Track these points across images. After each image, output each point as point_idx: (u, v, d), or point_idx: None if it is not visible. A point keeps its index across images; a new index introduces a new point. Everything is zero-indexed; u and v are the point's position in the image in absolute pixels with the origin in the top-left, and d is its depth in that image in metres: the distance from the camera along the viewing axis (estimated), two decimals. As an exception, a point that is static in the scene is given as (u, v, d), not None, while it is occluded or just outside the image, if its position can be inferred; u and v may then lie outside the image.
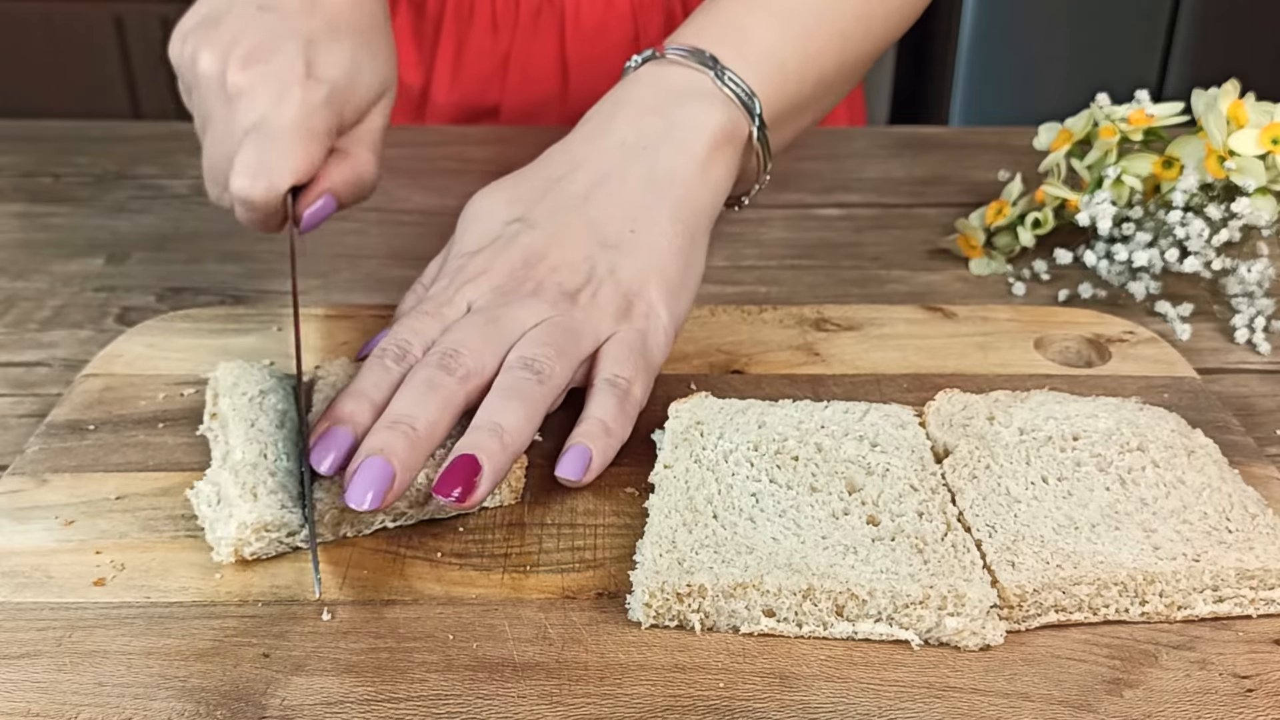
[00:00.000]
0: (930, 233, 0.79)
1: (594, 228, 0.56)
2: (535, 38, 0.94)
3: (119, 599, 0.45)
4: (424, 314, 0.54)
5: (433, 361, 0.50)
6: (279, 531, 0.47)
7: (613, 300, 0.54)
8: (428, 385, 0.49)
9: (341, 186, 0.58)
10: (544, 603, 0.45)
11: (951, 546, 0.46)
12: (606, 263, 0.55)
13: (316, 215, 0.57)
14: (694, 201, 0.58)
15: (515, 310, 0.53)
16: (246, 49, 0.56)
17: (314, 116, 0.55)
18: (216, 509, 0.48)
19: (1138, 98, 0.74)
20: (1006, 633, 0.44)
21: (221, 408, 0.53)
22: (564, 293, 0.54)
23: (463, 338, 0.51)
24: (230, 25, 0.57)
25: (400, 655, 0.43)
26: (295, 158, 0.54)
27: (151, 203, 0.83)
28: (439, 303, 0.54)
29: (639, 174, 0.57)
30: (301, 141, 0.55)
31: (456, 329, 0.52)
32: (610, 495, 0.51)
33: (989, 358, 0.61)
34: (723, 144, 0.59)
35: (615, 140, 0.58)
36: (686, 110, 0.59)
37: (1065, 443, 0.52)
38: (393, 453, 0.47)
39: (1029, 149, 0.79)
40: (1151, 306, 0.69)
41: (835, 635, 0.44)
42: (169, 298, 0.71)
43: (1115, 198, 0.70)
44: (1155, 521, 0.47)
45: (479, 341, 0.51)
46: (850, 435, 0.52)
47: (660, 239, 0.56)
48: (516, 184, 0.59)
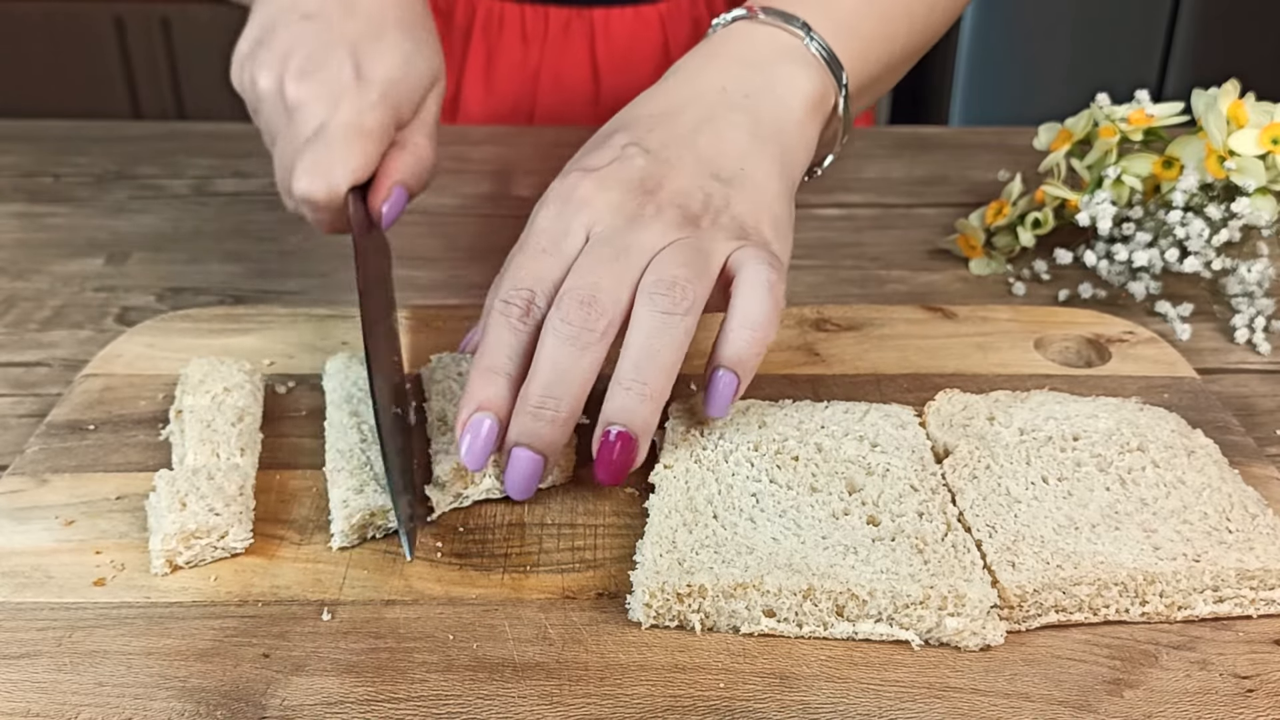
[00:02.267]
0: (930, 233, 0.79)
1: (706, 161, 0.54)
2: (566, 49, 0.95)
3: (119, 599, 0.45)
4: (540, 251, 0.51)
5: (571, 318, 0.47)
6: (208, 537, 0.47)
7: (732, 229, 0.52)
8: (570, 350, 0.47)
9: (409, 177, 0.59)
10: (544, 603, 0.45)
11: (952, 547, 0.46)
12: (721, 195, 0.53)
13: (393, 209, 0.58)
14: (793, 155, 0.57)
15: (641, 235, 0.50)
16: (298, 63, 0.58)
17: (366, 116, 0.57)
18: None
19: (1138, 98, 0.74)
20: (1007, 633, 0.44)
21: (184, 407, 0.54)
22: (686, 217, 0.51)
23: (595, 280, 0.48)
24: (279, 41, 0.59)
25: (400, 655, 0.43)
26: (351, 158, 0.56)
27: (151, 203, 0.83)
28: (554, 235, 0.51)
29: (744, 121, 0.56)
30: (356, 142, 0.56)
31: (585, 268, 0.49)
32: (610, 495, 0.51)
33: (989, 358, 0.61)
34: (816, 106, 0.58)
35: (715, 85, 0.57)
36: (784, 69, 0.58)
37: (1065, 443, 0.51)
38: (540, 441, 0.47)
39: (1029, 149, 0.79)
40: (1151, 306, 0.69)
41: (835, 635, 0.44)
42: (169, 298, 0.71)
43: (1115, 198, 0.70)
44: (1155, 522, 0.47)
45: (612, 279, 0.48)
46: (850, 435, 0.52)
47: (770, 181, 0.55)
48: (620, 116, 0.58)
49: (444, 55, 0.65)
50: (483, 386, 0.48)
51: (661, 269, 0.49)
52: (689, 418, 0.53)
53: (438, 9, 0.95)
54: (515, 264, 0.51)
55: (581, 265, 0.49)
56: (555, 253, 0.50)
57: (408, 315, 0.64)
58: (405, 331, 0.63)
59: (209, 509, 0.47)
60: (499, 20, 0.95)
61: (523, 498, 0.49)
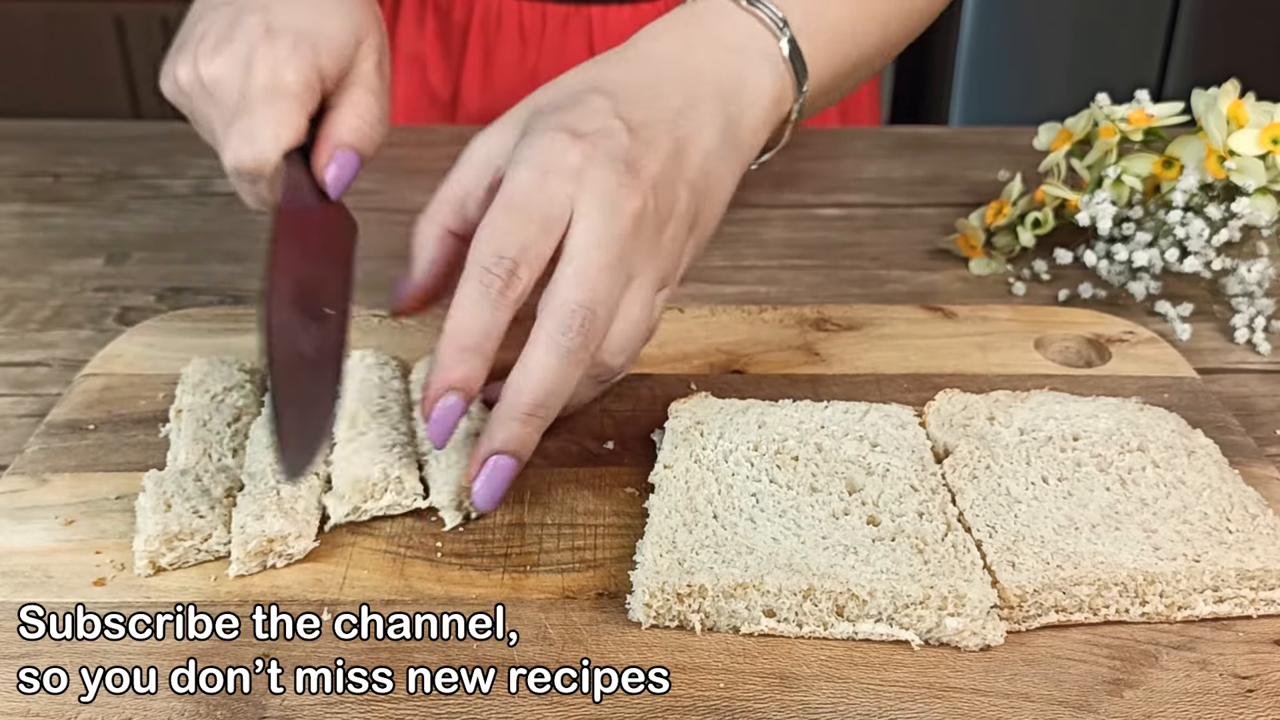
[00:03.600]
0: (930, 233, 0.79)
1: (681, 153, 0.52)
2: (564, 46, 0.95)
3: (119, 599, 0.45)
4: (524, 218, 0.48)
5: (573, 333, 0.46)
6: (192, 539, 0.46)
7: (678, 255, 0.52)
8: (568, 366, 0.46)
9: (354, 138, 0.55)
10: (544, 603, 0.45)
11: (952, 547, 0.46)
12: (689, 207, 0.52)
13: (341, 174, 0.55)
14: (746, 158, 0.57)
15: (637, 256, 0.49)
16: (210, 43, 0.55)
17: (281, 73, 0.53)
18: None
19: (1138, 98, 0.74)
20: (1007, 633, 0.44)
21: (183, 406, 0.54)
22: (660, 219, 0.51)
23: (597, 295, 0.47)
24: (195, 33, 0.57)
25: (400, 655, 0.43)
26: (274, 119, 0.53)
27: (151, 203, 0.83)
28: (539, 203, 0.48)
29: (718, 118, 0.54)
30: (277, 101, 0.53)
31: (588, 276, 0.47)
32: (610, 495, 0.51)
33: (989, 358, 0.61)
34: (774, 108, 0.58)
35: (695, 67, 0.56)
36: (755, 65, 0.57)
37: (1065, 443, 0.51)
38: (525, 449, 0.46)
39: (1029, 149, 0.79)
40: (1151, 306, 0.69)
41: (835, 635, 0.44)
42: (169, 298, 0.71)
43: (1115, 198, 0.70)
44: (1155, 522, 0.47)
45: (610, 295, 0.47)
46: (850, 435, 0.52)
47: (724, 189, 0.55)
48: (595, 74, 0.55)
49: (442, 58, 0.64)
50: (457, 364, 0.46)
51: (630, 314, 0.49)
52: (689, 417, 0.53)
53: (436, 6, 0.95)
54: (495, 224, 0.48)
55: (585, 272, 0.47)
56: (541, 222, 0.48)
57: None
58: (396, 332, 0.62)
59: (193, 511, 0.47)
60: (497, 17, 0.95)
61: (491, 508, 0.47)
